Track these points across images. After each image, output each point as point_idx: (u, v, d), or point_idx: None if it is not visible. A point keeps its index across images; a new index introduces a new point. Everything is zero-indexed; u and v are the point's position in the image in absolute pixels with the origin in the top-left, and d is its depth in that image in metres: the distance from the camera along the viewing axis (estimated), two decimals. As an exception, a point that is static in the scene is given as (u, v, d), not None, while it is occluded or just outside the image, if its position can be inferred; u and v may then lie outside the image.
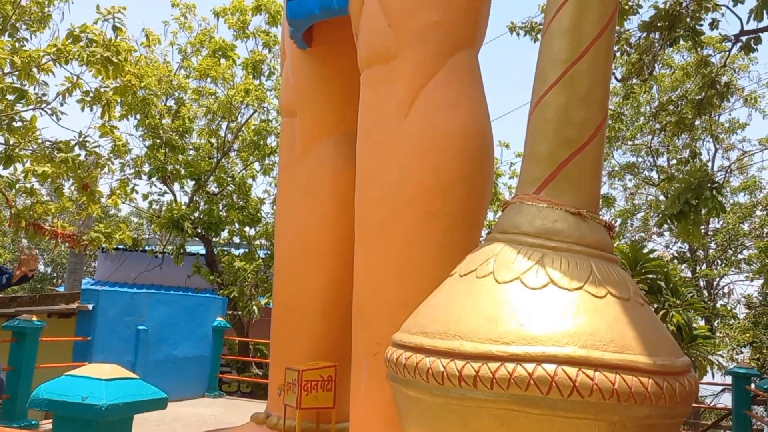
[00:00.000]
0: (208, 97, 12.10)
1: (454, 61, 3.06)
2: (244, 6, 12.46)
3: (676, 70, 14.11)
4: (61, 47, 4.74)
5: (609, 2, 2.00)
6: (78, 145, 5.09)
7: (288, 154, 4.53)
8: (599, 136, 1.98)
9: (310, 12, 3.52)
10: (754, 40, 6.03)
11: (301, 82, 4.29)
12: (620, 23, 8.20)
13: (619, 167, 18.30)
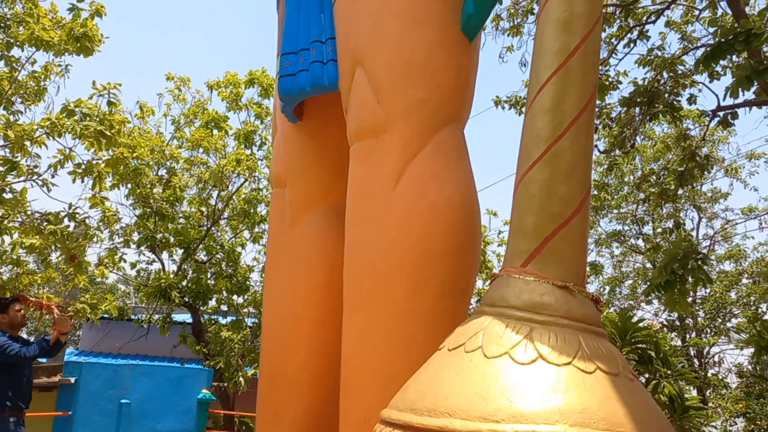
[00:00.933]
0: (200, 166, 12.23)
1: (440, 136, 3.14)
2: (238, 79, 12.78)
3: (657, 141, 14.49)
4: (55, 121, 4.84)
5: (588, 83, 2.09)
6: (67, 217, 5.11)
7: (277, 224, 4.56)
8: (583, 210, 2.03)
9: (302, 88, 3.62)
10: (731, 115, 6.25)
11: (291, 154, 4.36)
12: (601, 98, 8.48)
13: (605, 235, 18.50)
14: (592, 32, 2.07)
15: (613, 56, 8.80)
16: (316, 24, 3.53)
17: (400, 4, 2.99)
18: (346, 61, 3.29)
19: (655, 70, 7.20)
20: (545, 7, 2.13)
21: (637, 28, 8.74)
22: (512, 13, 10.20)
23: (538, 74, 2.10)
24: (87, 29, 5.74)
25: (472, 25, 3.04)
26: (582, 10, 2.06)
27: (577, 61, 2.04)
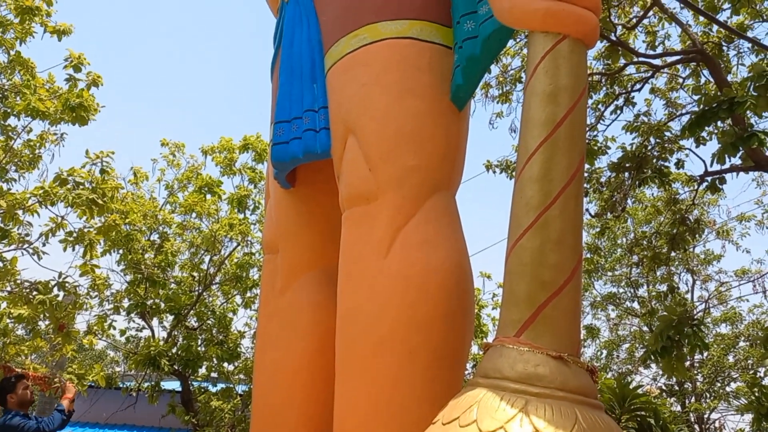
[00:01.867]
0: (193, 231, 12.23)
1: (431, 203, 3.17)
2: (232, 145, 12.93)
3: (648, 204, 14.65)
4: (48, 189, 4.87)
5: (576, 153, 2.13)
6: (57, 286, 5.08)
7: (269, 290, 4.52)
8: (575, 278, 2.02)
9: (294, 155, 3.67)
10: (719, 180, 6.35)
11: (283, 220, 4.37)
12: (590, 162, 8.61)
13: (601, 298, 18.42)
14: (577, 104, 2.12)
15: (600, 122, 9.00)
16: (309, 94, 3.60)
17: (390, 76, 3.06)
18: (338, 130, 3.34)
19: (642, 136, 7.35)
20: (531, 79, 2.19)
21: (623, 95, 8.97)
22: (501, 81, 10.47)
23: (527, 144, 2.14)
24: (83, 99, 5.87)
25: (461, 95, 3.10)
26: (567, 83, 2.11)
27: (564, 132, 2.07)
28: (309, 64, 3.56)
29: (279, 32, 3.87)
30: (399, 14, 3.11)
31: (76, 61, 6.32)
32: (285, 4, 3.77)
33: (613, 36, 8.11)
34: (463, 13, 3.00)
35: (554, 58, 2.12)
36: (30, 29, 6.49)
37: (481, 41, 2.83)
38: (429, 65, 3.08)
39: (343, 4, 3.28)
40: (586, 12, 2.17)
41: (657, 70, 9.01)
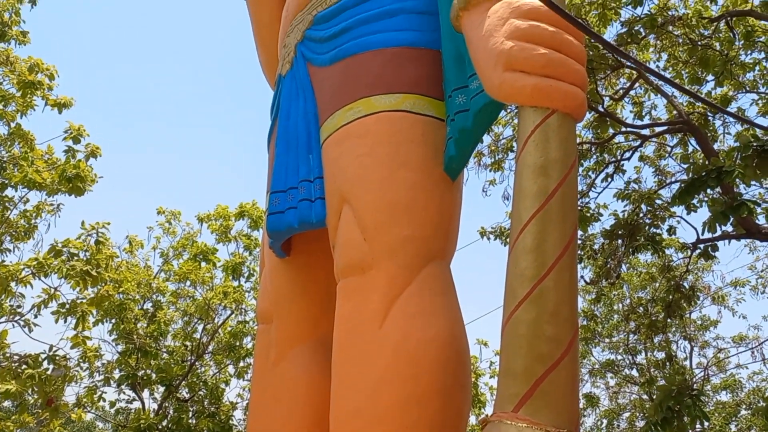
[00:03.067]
0: (186, 299, 12.14)
1: (426, 273, 3.17)
2: (228, 212, 13.00)
3: (643, 270, 14.67)
4: (42, 261, 4.87)
5: (568, 224, 2.15)
6: (47, 360, 5.00)
7: (262, 361, 4.45)
8: (572, 351, 2.01)
9: (289, 225, 3.69)
10: (711, 247, 6.39)
11: (278, 290, 4.35)
12: (583, 229, 8.68)
13: (599, 365, 18.17)
14: (568, 176, 2.16)
15: (592, 189, 9.12)
16: (304, 164, 3.66)
17: (384, 148, 3.12)
18: (334, 200, 3.38)
19: (633, 204, 7.44)
20: (522, 152, 2.24)
21: (613, 163, 9.14)
22: (493, 150, 10.67)
23: (519, 215, 2.17)
24: (80, 170, 5.95)
25: (454, 166, 3.16)
26: (557, 156, 2.16)
27: (555, 204, 2.11)
28: (305, 136, 3.63)
29: (276, 104, 3.97)
30: (392, 88, 3.20)
31: (75, 133, 6.44)
32: (282, 77, 3.88)
33: (601, 107, 8.33)
34: (454, 87, 3.09)
35: (544, 132, 2.18)
36: (31, 102, 6.63)
37: (473, 114, 2.91)
38: (422, 137, 3.14)
39: (339, 79, 3.38)
40: (573, 88, 2.24)
41: (645, 140, 9.22)
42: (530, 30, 2.26)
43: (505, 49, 2.29)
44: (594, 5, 9.75)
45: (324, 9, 3.56)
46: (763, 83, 10.91)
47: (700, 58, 9.32)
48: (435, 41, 3.28)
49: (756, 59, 10.62)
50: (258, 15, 4.58)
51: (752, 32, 10.07)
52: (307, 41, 3.65)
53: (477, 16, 2.56)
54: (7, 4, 7.69)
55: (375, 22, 3.34)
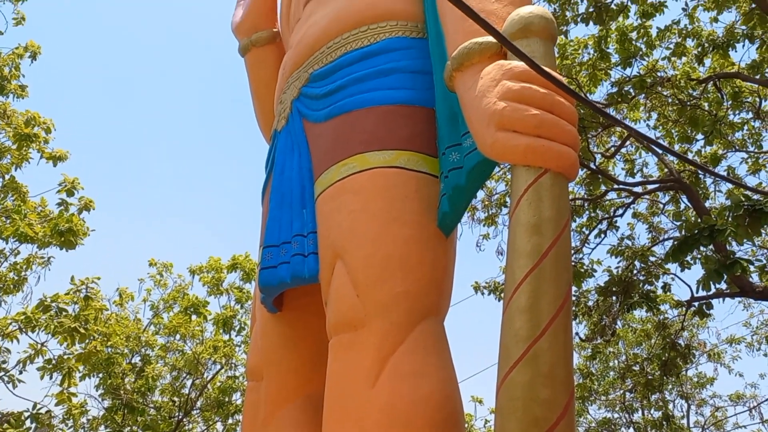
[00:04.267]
0: (176, 353, 11.95)
1: (419, 330, 3.13)
2: (220, 264, 12.94)
3: (638, 326, 14.58)
4: (30, 316, 4.80)
5: (562, 283, 2.14)
6: (30, 418, 4.86)
7: (251, 420, 4.34)
8: (568, 415, 1.97)
9: (282, 280, 3.66)
10: (706, 305, 6.37)
11: (269, 346, 4.29)
12: (578, 285, 8.66)
13: (596, 424, 17.84)
14: (561, 235, 2.16)
15: (585, 245, 9.15)
16: (298, 219, 3.66)
17: (378, 204, 3.13)
18: (327, 255, 3.36)
19: (627, 260, 7.45)
20: (516, 210, 2.25)
21: (606, 220, 9.20)
22: (486, 205, 10.73)
23: (513, 274, 2.16)
24: (72, 224, 5.93)
25: (448, 223, 3.16)
26: (550, 215, 2.17)
27: (549, 263, 2.10)
28: (299, 190, 3.64)
29: (271, 159, 4.00)
30: (386, 145, 3.23)
31: (69, 186, 6.46)
32: (277, 132, 3.92)
33: (593, 165, 8.44)
34: (448, 144, 3.12)
35: (537, 191, 2.19)
36: (27, 155, 6.68)
37: (466, 172, 2.93)
38: (416, 193, 3.16)
39: (333, 135, 3.41)
40: (565, 148, 2.27)
41: (637, 197, 9.31)
42: (522, 91, 2.30)
43: (497, 110, 2.32)
44: (584, 66, 10.00)
45: (320, 67, 3.63)
46: (751, 142, 11.11)
47: (689, 117, 9.51)
48: (429, 99, 3.33)
49: (744, 119, 10.85)
50: (256, 72, 4.67)
51: (740, 93, 10.32)
52: (303, 98, 3.71)
53: (470, 77, 2.61)
54: (8, 58, 7.83)
55: (370, 80, 3.40)
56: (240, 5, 4.75)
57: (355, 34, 3.53)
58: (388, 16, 3.51)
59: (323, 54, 3.63)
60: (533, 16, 2.43)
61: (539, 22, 2.42)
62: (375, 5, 3.53)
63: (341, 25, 3.58)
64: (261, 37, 4.55)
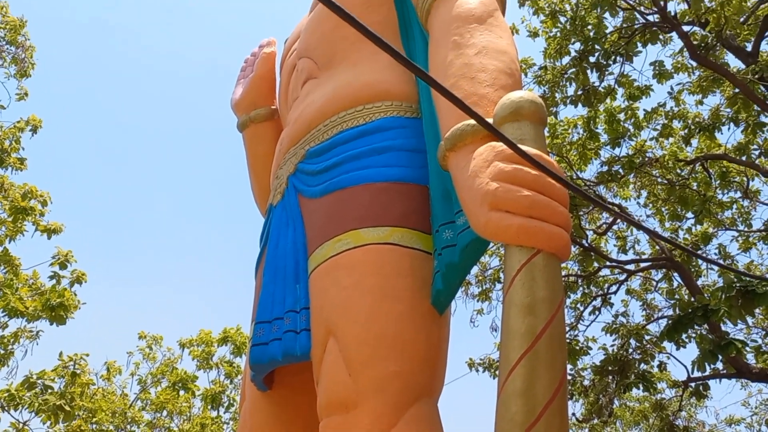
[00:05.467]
0: (162, 429, 11.59)
1: (413, 412, 3.06)
2: (211, 338, 12.75)
3: (636, 404, 14.29)
4: (14, 393, 4.67)
5: (558, 366, 2.11)
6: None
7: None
8: (565, 503, 1.90)
9: (273, 357, 3.60)
10: (703, 386, 6.28)
11: (258, 425, 4.17)
12: (573, 362, 8.54)
13: None
14: (555, 316, 2.15)
15: (580, 322, 9.08)
16: (291, 294, 3.64)
17: (371, 280, 3.12)
18: (319, 332, 3.33)
19: (622, 339, 7.40)
20: (509, 290, 2.25)
21: (600, 297, 9.17)
22: (480, 280, 10.71)
23: (508, 356, 2.13)
24: (64, 299, 5.87)
25: (442, 300, 3.15)
26: (544, 296, 2.17)
27: (544, 345, 2.08)
28: (293, 265, 3.64)
29: (266, 233, 4.01)
30: (381, 221, 3.26)
31: (62, 259, 6.44)
32: (273, 207, 3.95)
33: (585, 242, 8.50)
34: (441, 222, 3.15)
35: (530, 271, 2.20)
36: (21, 227, 6.69)
37: (460, 250, 2.94)
38: (410, 270, 3.16)
39: (328, 211, 3.44)
40: (558, 229, 2.30)
41: (630, 274, 9.34)
42: (514, 172, 2.35)
43: (490, 190, 2.36)
44: (574, 145, 10.24)
45: (316, 144, 3.69)
46: (741, 221, 11.25)
47: (678, 197, 9.68)
48: (423, 177, 3.38)
49: (733, 198, 11.03)
50: (253, 148, 4.75)
51: (727, 173, 10.54)
52: (299, 174, 3.76)
53: (463, 157, 2.67)
54: (9, 132, 7.98)
55: (365, 158, 3.46)
56: (240, 83, 4.89)
57: (351, 113, 3.62)
58: (384, 96, 3.61)
59: (320, 131, 3.71)
60: (524, 100, 2.51)
61: (529, 107, 2.50)
62: (371, 86, 3.64)
63: (338, 104, 3.67)
64: (259, 114, 4.66)
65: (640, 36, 10.05)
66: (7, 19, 9.94)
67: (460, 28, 3.13)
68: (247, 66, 4.94)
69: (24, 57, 9.76)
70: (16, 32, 10.00)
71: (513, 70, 2.99)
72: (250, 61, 4.93)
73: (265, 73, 4.71)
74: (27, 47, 10.09)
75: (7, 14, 10.04)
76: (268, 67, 4.73)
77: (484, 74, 2.90)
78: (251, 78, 4.72)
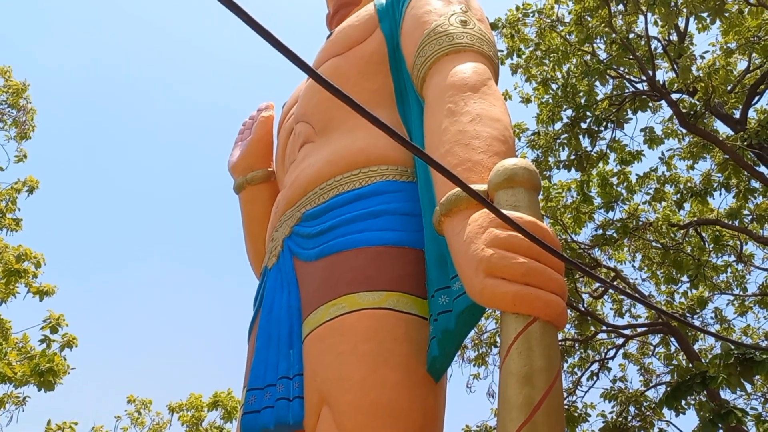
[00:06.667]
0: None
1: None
2: (201, 402, 12.47)
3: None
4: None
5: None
6: None
7: None
8: None
9: (265, 426, 3.49)
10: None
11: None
12: (572, 429, 8.34)
13: None
14: (553, 386, 2.11)
15: (578, 388, 8.92)
16: (284, 360, 3.57)
17: (366, 346, 3.08)
18: (313, 399, 3.25)
19: (620, 405, 7.26)
20: (506, 359, 2.21)
21: (598, 361, 9.06)
22: (476, 344, 10.58)
23: (505, 427, 2.08)
24: (53, 364, 5.75)
25: (438, 367, 3.10)
26: (541, 365, 2.13)
27: (542, 416, 2.04)
28: (287, 330, 3.59)
29: (260, 296, 3.97)
30: (376, 286, 3.23)
31: (54, 323, 6.35)
32: (268, 269, 3.92)
33: (582, 306, 8.46)
34: (437, 287, 3.13)
35: (527, 340, 2.17)
36: (14, 290, 6.62)
37: (455, 316, 2.91)
38: (405, 336, 3.12)
39: (323, 275, 3.42)
40: (554, 296, 2.28)
41: (627, 339, 9.25)
42: (509, 239, 2.35)
43: (485, 256, 2.36)
44: (568, 208, 10.31)
45: (312, 207, 3.70)
46: (736, 284, 11.23)
47: (673, 261, 9.70)
48: (418, 241, 3.38)
49: (727, 261, 11.04)
50: (249, 209, 4.76)
51: (721, 237, 10.60)
52: (295, 236, 3.75)
53: (458, 222, 2.68)
54: (6, 193, 8.00)
55: (360, 221, 3.46)
56: (237, 146, 4.94)
57: (347, 176, 3.64)
58: (380, 160, 3.63)
59: (316, 195, 3.72)
60: (517, 167, 2.54)
61: (523, 174, 2.53)
62: (367, 150, 3.67)
63: (334, 167, 3.70)
64: (256, 176, 4.68)
65: (630, 103, 10.29)
66: (10, 83, 10.15)
67: (455, 96, 3.20)
68: (245, 129, 5.00)
69: (25, 120, 9.93)
70: (18, 95, 10.19)
71: (506, 137, 3.04)
72: (248, 124, 5.00)
73: (263, 136, 4.77)
74: (28, 110, 10.28)
75: (10, 78, 10.26)
76: (265, 130, 4.79)
77: (478, 141, 2.95)
78: (249, 140, 4.78)
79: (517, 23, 10.75)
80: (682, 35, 9.86)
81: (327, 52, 4.21)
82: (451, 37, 3.42)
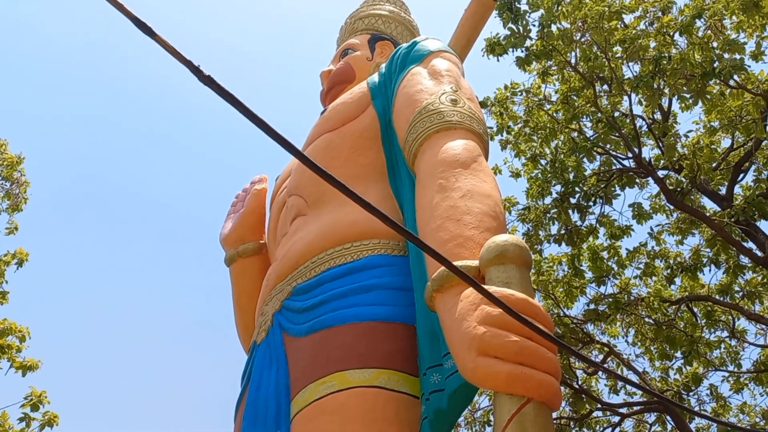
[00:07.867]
0: None
1: None
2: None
3: None
4: None
5: None
6: None
7: None
8: None
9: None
10: None
11: None
12: None
13: None
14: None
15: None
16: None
17: (356, 427, 3.00)
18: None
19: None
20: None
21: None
22: (470, 421, 10.32)
23: None
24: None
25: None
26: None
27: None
28: (274, 409, 3.50)
29: (248, 372, 3.89)
30: (367, 363, 3.18)
31: (35, 400, 6.16)
32: (257, 345, 3.86)
33: (576, 383, 8.32)
34: (429, 365, 3.07)
35: (521, 422, 2.12)
36: (-4, 365, 6.46)
37: (448, 395, 2.86)
38: (396, 416, 3.04)
39: (313, 351, 3.36)
40: (547, 377, 2.24)
41: (623, 417, 9.05)
42: (501, 317, 2.33)
43: (477, 334, 2.33)
44: (560, 282, 10.30)
45: (303, 281, 3.68)
46: (730, 360, 11.11)
47: (665, 337, 9.62)
48: (410, 316, 3.34)
49: (720, 337, 10.96)
50: (240, 282, 4.72)
51: (713, 312, 10.56)
52: (285, 311, 3.71)
53: (450, 298, 2.66)
54: (-7, 268, 7.96)
55: (351, 296, 3.43)
56: (229, 218, 4.95)
57: (338, 250, 3.64)
58: (371, 234, 3.65)
59: (307, 268, 3.71)
60: (509, 244, 2.55)
61: (514, 250, 2.53)
62: (359, 224, 3.69)
63: (326, 241, 3.70)
64: (247, 249, 4.67)
65: (618, 180, 10.47)
66: (5, 156, 10.25)
67: (446, 172, 3.24)
68: (237, 201, 5.02)
69: (18, 192, 9.97)
70: (13, 168, 10.26)
71: (497, 213, 3.07)
72: (240, 196, 5.03)
73: (255, 209, 4.79)
74: (21, 183, 10.34)
75: (5, 151, 10.36)
76: (258, 203, 4.82)
77: (469, 216, 2.97)
78: (241, 213, 4.79)
79: (506, 101, 11.06)
80: (666, 114, 10.14)
81: (320, 128, 4.30)
82: (442, 115, 3.50)
